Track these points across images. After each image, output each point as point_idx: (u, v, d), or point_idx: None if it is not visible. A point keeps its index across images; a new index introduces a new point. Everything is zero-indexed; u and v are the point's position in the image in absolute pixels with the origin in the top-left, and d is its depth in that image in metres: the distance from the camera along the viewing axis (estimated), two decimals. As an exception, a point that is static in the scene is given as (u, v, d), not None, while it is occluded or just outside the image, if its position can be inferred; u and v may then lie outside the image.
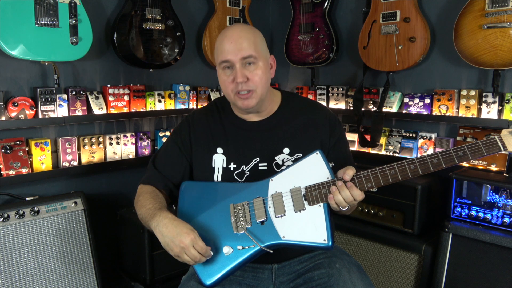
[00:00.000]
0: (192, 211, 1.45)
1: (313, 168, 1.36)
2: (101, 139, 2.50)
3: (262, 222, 1.34)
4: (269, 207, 1.36)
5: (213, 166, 1.53)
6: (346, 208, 1.33)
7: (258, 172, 1.49)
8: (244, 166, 1.52)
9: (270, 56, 1.54)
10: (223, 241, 1.35)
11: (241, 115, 1.58)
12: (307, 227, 1.29)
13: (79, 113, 2.40)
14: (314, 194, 1.32)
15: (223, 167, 1.53)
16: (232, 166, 1.52)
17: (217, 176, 1.53)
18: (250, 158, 1.51)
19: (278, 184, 1.39)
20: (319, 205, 1.31)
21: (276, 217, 1.33)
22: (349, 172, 1.33)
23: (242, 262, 1.31)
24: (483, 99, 2.34)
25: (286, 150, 1.51)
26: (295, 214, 1.32)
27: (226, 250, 1.33)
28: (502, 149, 1.28)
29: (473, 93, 2.37)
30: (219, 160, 1.54)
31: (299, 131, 1.54)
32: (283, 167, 1.46)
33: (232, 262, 1.31)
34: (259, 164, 1.51)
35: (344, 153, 1.60)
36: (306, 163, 1.38)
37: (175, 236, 1.29)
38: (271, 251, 1.32)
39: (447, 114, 2.45)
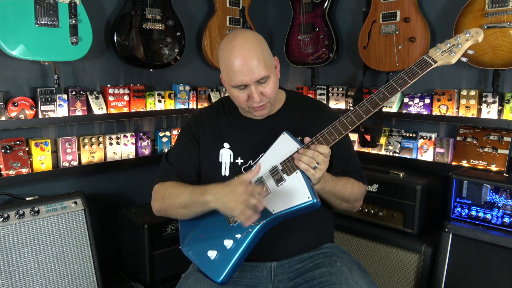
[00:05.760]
0: (191, 229, 1.51)
1: (284, 147, 1.44)
2: (101, 139, 2.50)
3: None
4: None
5: (220, 160, 1.57)
6: (318, 166, 1.34)
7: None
8: (251, 161, 1.55)
9: (274, 57, 1.55)
10: (222, 238, 1.38)
11: (247, 114, 1.61)
12: (291, 194, 1.36)
13: (79, 113, 2.40)
14: (289, 164, 1.40)
15: (230, 161, 1.56)
16: (239, 160, 1.56)
17: (225, 170, 1.56)
18: (257, 153, 1.53)
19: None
20: (297, 172, 1.38)
21: (263, 198, 1.38)
22: (306, 139, 1.41)
23: (245, 248, 1.35)
24: (483, 99, 2.34)
25: None
26: (278, 188, 1.39)
27: (227, 243, 1.36)
28: (433, 63, 1.41)
29: (473, 93, 2.37)
30: (226, 154, 1.57)
31: (304, 126, 1.57)
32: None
33: (236, 252, 1.35)
34: None
35: (347, 151, 1.63)
36: (276, 145, 1.47)
37: (231, 191, 1.32)
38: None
39: (447, 114, 2.45)
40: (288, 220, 1.40)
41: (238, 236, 1.36)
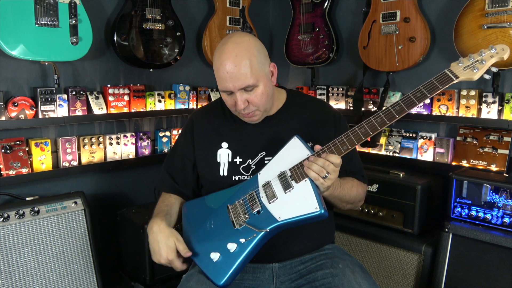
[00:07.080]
0: (195, 228, 1.51)
1: (294, 152, 1.42)
2: (101, 139, 2.50)
3: (258, 212, 1.38)
4: (262, 197, 1.40)
5: (218, 160, 1.57)
6: (327, 175, 1.32)
7: (264, 166, 1.49)
8: (250, 160, 1.54)
9: (270, 63, 1.51)
10: (226, 241, 1.38)
11: None
12: (298, 202, 1.34)
13: (79, 113, 2.40)
14: (298, 171, 1.38)
15: (228, 161, 1.56)
16: (238, 160, 1.55)
17: (223, 170, 1.56)
18: (256, 152, 1.53)
19: (266, 174, 1.44)
20: (305, 180, 1.36)
21: (269, 203, 1.37)
22: (317, 146, 1.39)
23: (248, 253, 1.34)
24: (483, 99, 2.34)
25: None
26: (285, 195, 1.37)
27: (230, 246, 1.36)
28: (454, 79, 1.35)
29: (473, 93, 2.37)
30: (224, 154, 1.57)
31: (304, 126, 1.57)
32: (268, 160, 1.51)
33: (239, 256, 1.34)
34: (265, 158, 1.54)
35: (350, 150, 1.61)
36: (286, 149, 1.44)
37: (156, 252, 1.42)
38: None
39: (447, 114, 2.45)
40: None
41: (242, 240, 1.35)
